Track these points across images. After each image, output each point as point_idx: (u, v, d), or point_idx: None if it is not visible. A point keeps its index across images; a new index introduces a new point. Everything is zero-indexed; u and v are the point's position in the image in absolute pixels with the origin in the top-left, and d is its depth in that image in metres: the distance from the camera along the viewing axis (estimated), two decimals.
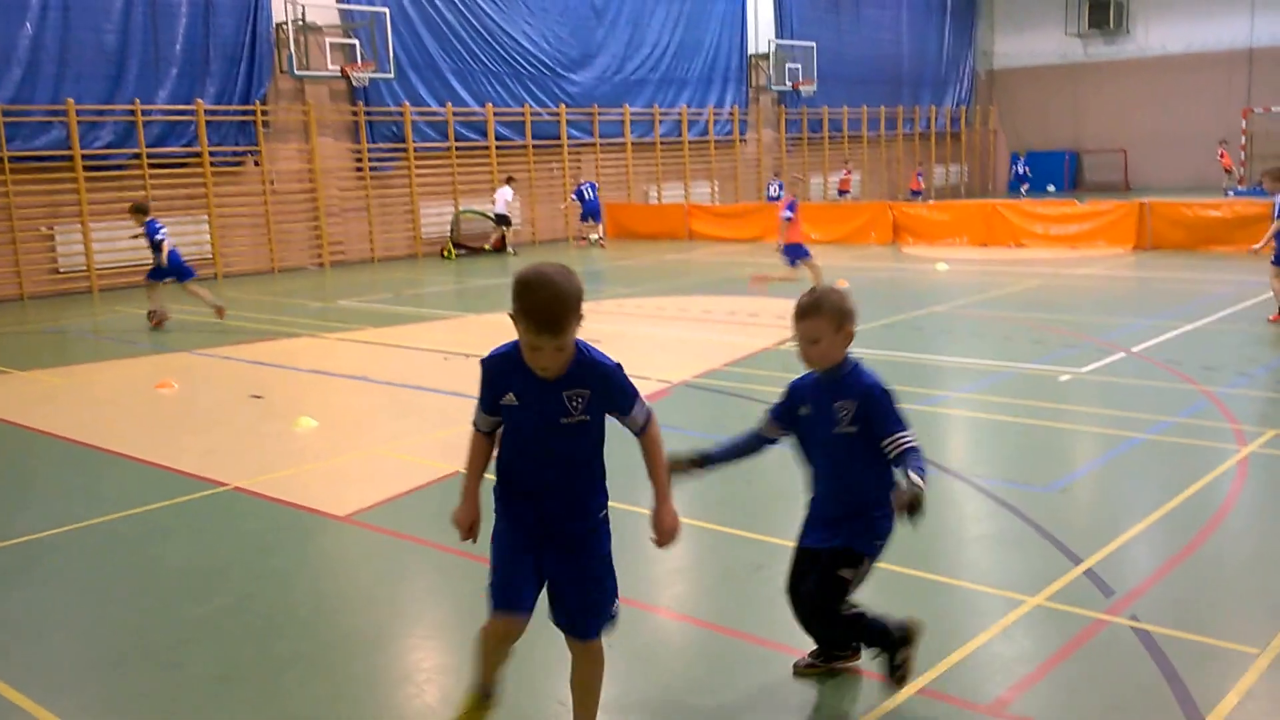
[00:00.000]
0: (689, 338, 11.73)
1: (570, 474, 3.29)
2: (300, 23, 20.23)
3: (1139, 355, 9.56)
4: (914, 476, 3.51)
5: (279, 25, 20.10)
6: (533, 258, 17.65)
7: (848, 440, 3.78)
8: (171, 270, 13.30)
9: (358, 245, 21.67)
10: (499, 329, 12.72)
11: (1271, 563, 5.10)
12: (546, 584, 3.34)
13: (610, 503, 3.50)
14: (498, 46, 23.53)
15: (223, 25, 19.31)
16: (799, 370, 4.01)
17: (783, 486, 6.51)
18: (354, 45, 20.85)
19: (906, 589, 4.97)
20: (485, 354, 3.28)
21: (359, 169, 21.65)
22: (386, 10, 21.10)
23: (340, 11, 20.87)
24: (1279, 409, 7.64)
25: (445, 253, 22.22)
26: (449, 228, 22.69)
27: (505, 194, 22.35)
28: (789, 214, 13.45)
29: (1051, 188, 35.44)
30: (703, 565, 5.47)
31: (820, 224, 22.18)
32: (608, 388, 3.22)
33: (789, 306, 4.23)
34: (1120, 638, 4.31)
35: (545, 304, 2.95)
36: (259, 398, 9.34)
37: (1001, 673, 4.11)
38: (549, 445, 3.23)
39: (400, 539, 5.82)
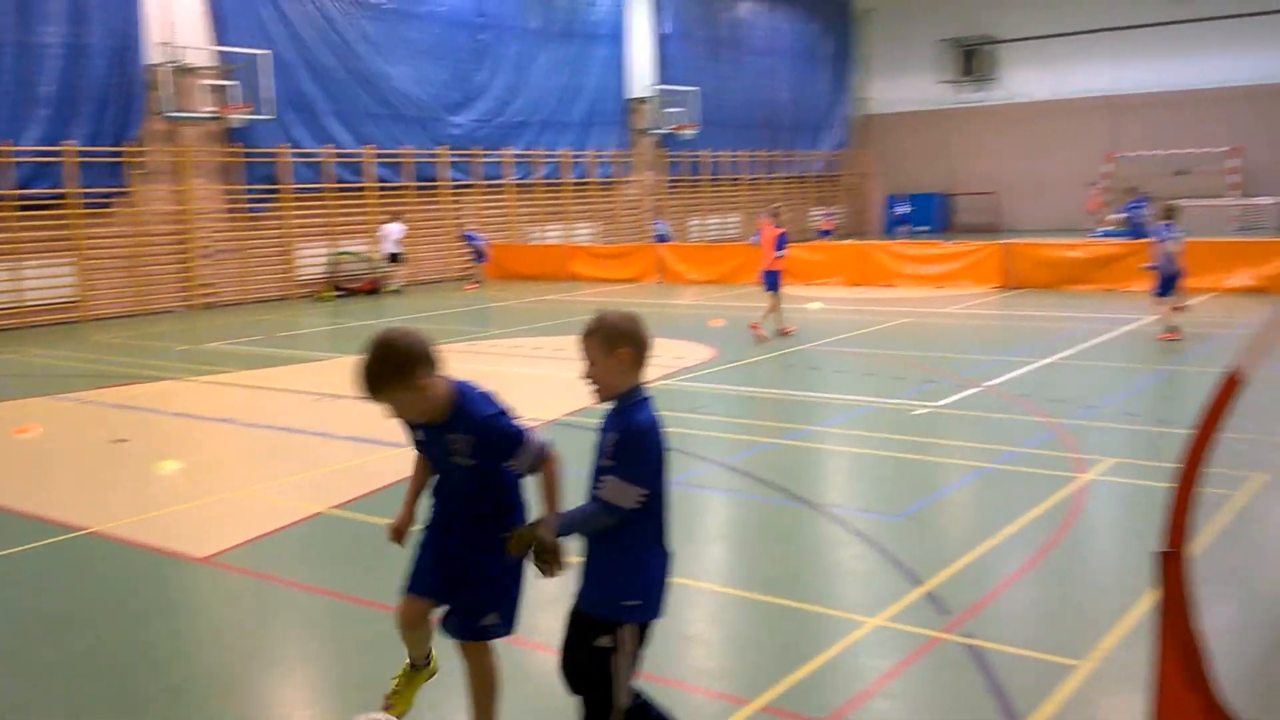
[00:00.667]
0: (562, 376, 11.81)
1: (470, 506, 3.59)
2: (176, 64, 19.83)
3: (993, 390, 10.02)
4: (550, 521, 3.31)
5: (153, 67, 19.67)
6: (417, 300, 17.65)
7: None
8: None
9: (230, 287, 21.19)
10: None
11: (1096, 581, 5.43)
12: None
13: None
14: (378, 88, 23.45)
15: (95, 67, 18.81)
16: (671, 406, 3.87)
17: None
18: (231, 87, 20.52)
19: (754, 614, 5.14)
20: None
21: (233, 210, 21.24)
22: (267, 53, 20.84)
23: (218, 54, 20.54)
24: (1118, 439, 8.10)
25: (321, 294, 21.88)
26: (326, 269, 22.38)
27: (395, 231, 22.31)
28: (781, 251, 14.09)
29: (909, 227, 36.77)
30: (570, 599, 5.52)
31: (698, 264, 22.65)
32: (485, 436, 3.42)
33: (659, 346, 4.40)
34: (953, 654, 4.53)
35: (361, 372, 3.31)
36: (122, 441, 9.12)
37: (839, 689, 4.27)
38: (451, 478, 3.59)
39: (262, 579, 5.77)
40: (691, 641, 4.65)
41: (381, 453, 8.42)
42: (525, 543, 3.32)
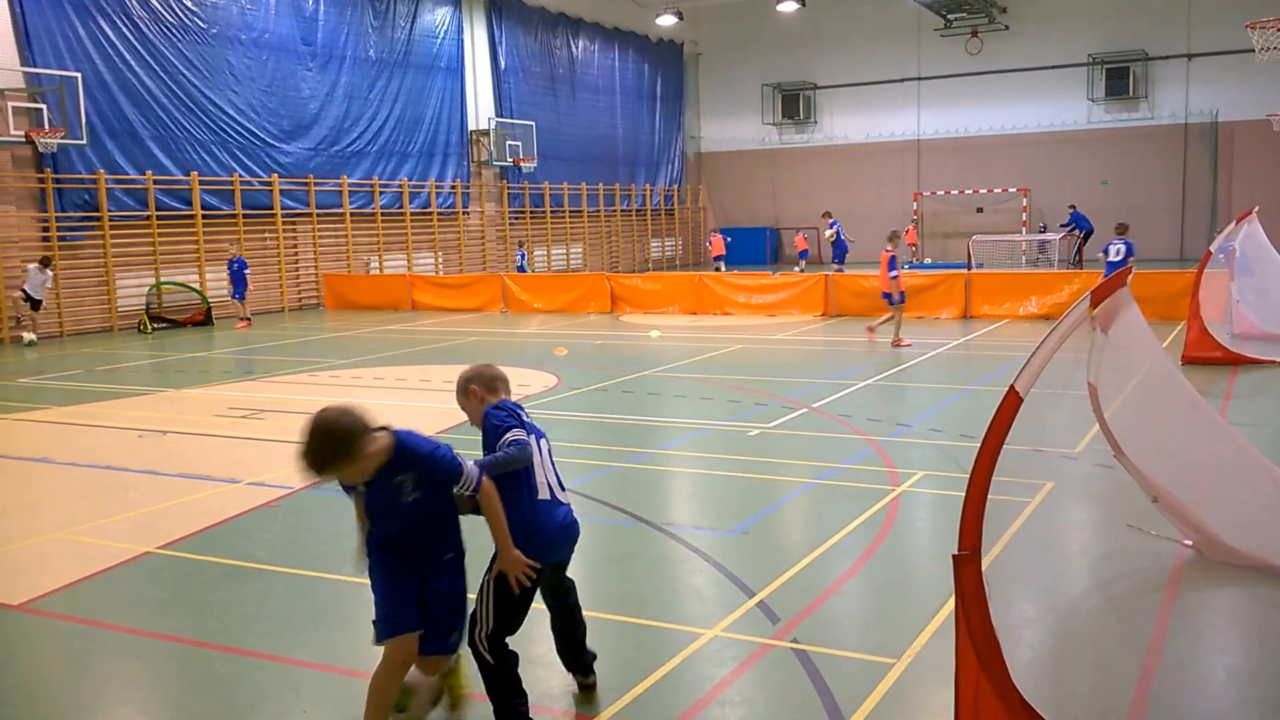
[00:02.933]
0: (405, 406, 11.75)
1: (421, 536, 4.03)
2: None
3: (818, 410, 10.56)
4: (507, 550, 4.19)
5: None
6: (251, 330, 17.09)
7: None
8: None
9: (45, 319, 20.00)
10: (198, 404, 12.37)
11: (910, 585, 5.85)
12: None
13: (310, 572, 3.63)
14: (202, 114, 22.69)
15: None
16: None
17: (478, 547, 6.72)
18: (41, 110, 19.46)
19: (597, 632, 5.28)
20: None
21: (46, 239, 20.11)
22: (78, 75, 19.88)
23: (25, 75, 19.47)
24: (928, 453, 8.69)
25: (142, 326, 20.95)
26: (147, 300, 21.43)
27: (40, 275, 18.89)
28: (894, 273, 14.95)
29: (722, 266, 38.04)
30: None
31: (542, 294, 22.83)
32: (428, 468, 3.87)
33: (508, 375, 4.67)
34: (783, 659, 4.82)
35: (306, 457, 3.58)
36: None
37: (679, 700, 4.49)
38: (399, 517, 3.95)
39: (81, 624, 5.53)
40: (535, 664, 4.78)
41: (210, 489, 8.21)
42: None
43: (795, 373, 13.68)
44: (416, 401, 12.09)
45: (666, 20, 36.10)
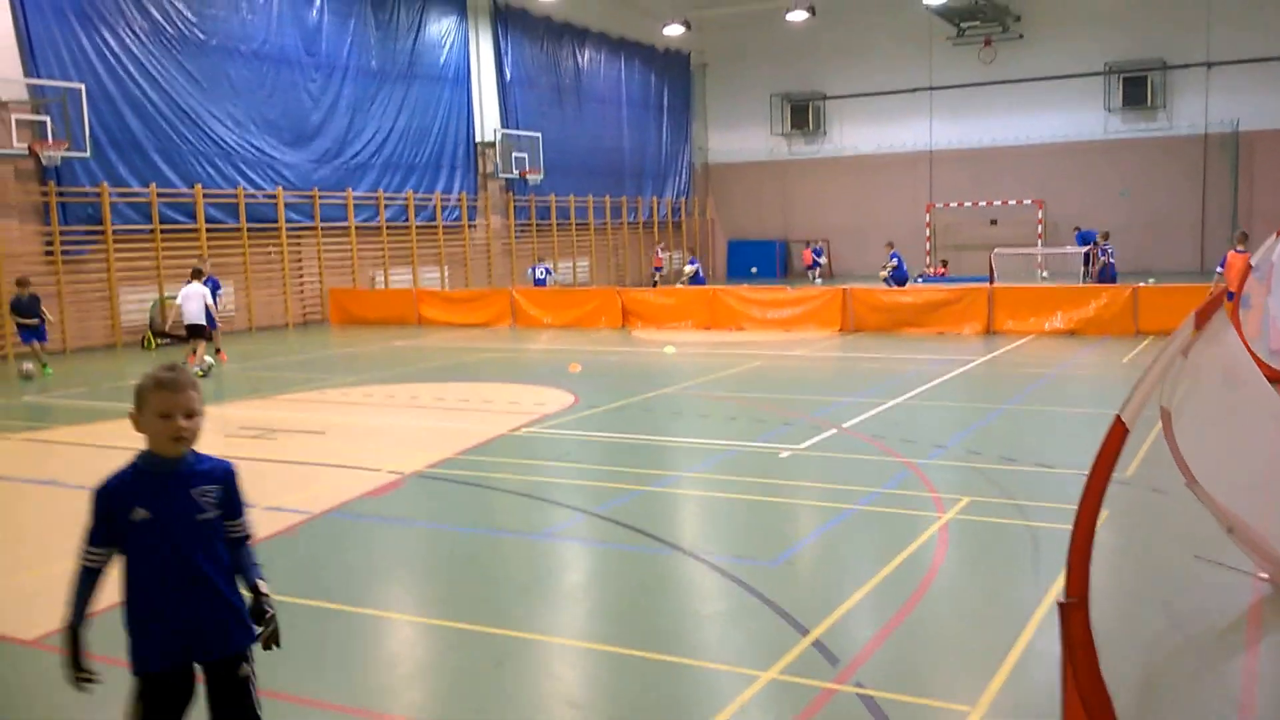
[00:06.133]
0: (421, 426, 11.44)
1: None
2: None
3: (848, 431, 10.25)
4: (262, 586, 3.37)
5: None
6: (256, 345, 16.84)
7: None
8: None
9: (49, 335, 19.68)
10: (207, 423, 11.84)
11: (975, 622, 5.52)
12: None
13: (331, 604, 3.36)
14: (205, 126, 22.43)
15: None
16: (535, 455, 3.89)
17: (518, 577, 6.43)
18: (44, 122, 19.18)
19: (638, 671, 4.98)
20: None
21: (49, 253, 19.82)
22: (82, 86, 19.63)
23: (28, 86, 19.21)
24: (971, 477, 8.38)
25: (146, 342, 20.64)
26: (151, 315, 21.13)
27: (195, 290, 16.68)
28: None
29: (755, 269, 38.03)
30: (440, 666, 5.24)
31: (552, 309, 22.53)
32: None
33: (518, 393, 4.23)
34: (848, 705, 4.50)
35: None
36: None
37: None
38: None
39: (101, 662, 5.19)
40: (578, 710, 4.46)
41: None
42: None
43: (819, 390, 13.37)
44: (431, 420, 11.78)
45: (673, 30, 35.89)
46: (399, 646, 5.44)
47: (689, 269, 28.15)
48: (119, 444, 10.71)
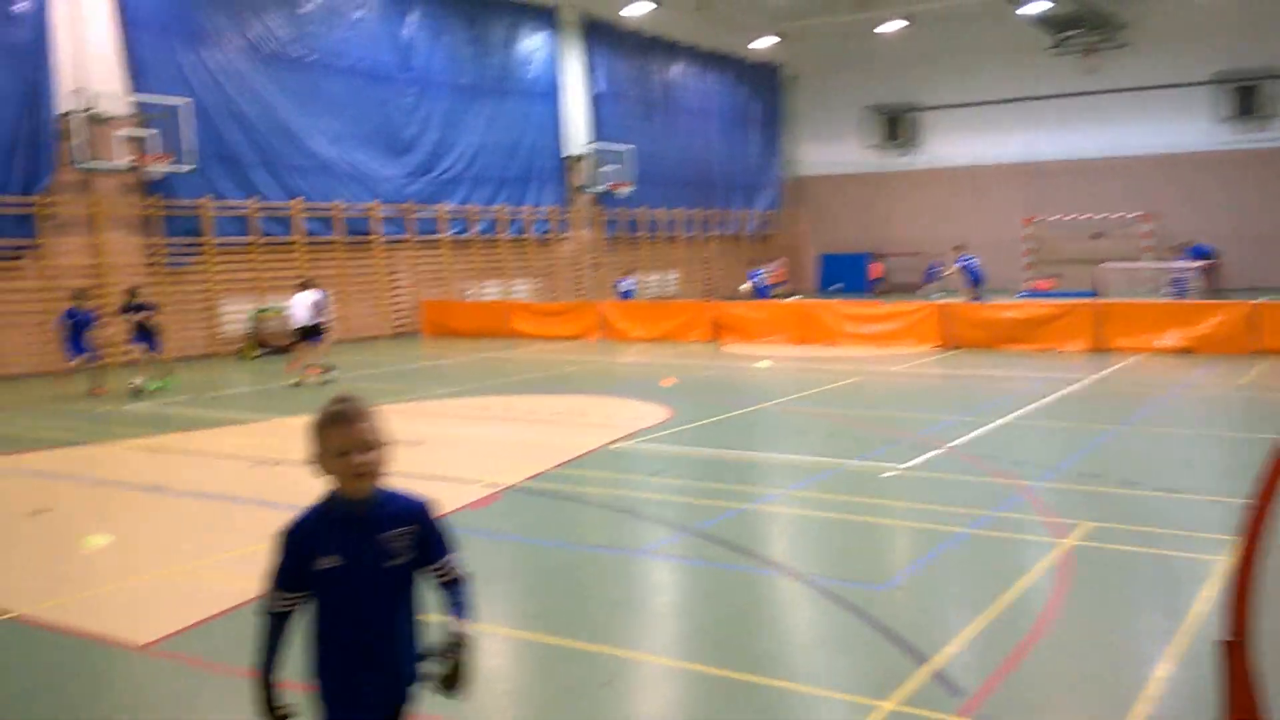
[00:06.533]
0: (517, 438, 11.41)
1: None
2: (90, 113, 19.12)
3: (954, 451, 9.89)
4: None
5: (64, 115, 18.93)
6: (350, 356, 17.08)
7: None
8: None
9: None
10: (303, 432, 11.95)
11: (1105, 654, 5.19)
12: None
13: (429, 617, 3.21)
14: (303, 141, 22.94)
15: (1, 116, 18.01)
16: (632, 470, 3.70)
17: (618, 594, 6.28)
18: (149, 137, 19.81)
19: (748, 698, 4.78)
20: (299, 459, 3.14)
21: (152, 264, 20.44)
22: (186, 101, 20.23)
23: (135, 103, 19.86)
24: (1087, 501, 7.97)
25: (244, 352, 21.12)
26: (250, 326, 21.63)
27: (308, 299, 17.15)
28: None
29: (841, 285, 37.30)
30: (541, 684, 5.11)
31: (640, 322, 22.45)
32: None
33: (612, 406, 4.08)
34: None
35: None
36: (43, 513, 8.47)
37: None
38: None
39: (205, 669, 5.24)
40: None
41: None
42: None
43: (920, 408, 12.96)
44: (526, 433, 11.74)
45: (764, 42, 35.62)
46: (498, 663, 5.33)
47: (746, 286, 27.11)
48: (220, 451, 10.90)
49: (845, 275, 37.89)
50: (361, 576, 2.90)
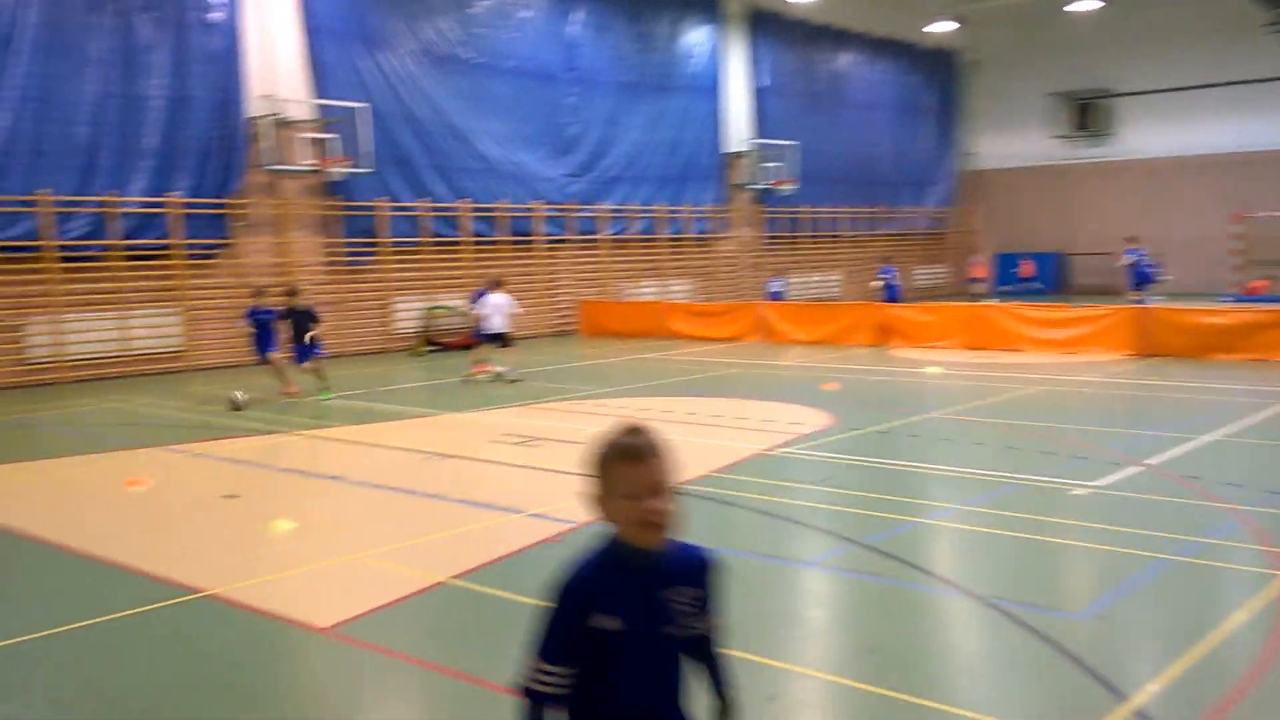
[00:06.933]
0: (676, 440, 11.23)
1: None
2: (277, 118, 20.10)
3: (1154, 469, 9.16)
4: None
5: (254, 120, 19.96)
6: (512, 357, 17.25)
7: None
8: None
9: (328, 340, 21.12)
10: (473, 428, 12.43)
11: None
12: None
13: None
14: (471, 142, 23.47)
15: (196, 119, 19.10)
16: (794, 477, 3.43)
17: (785, 606, 6.03)
18: (330, 140, 20.69)
19: None
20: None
21: (331, 263, 21.32)
22: (365, 105, 21.02)
23: (318, 107, 20.77)
24: None
25: (415, 349, 21.79)
26: (420, 323, 22.30)
27: (504, 303, 16.79)
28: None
29: (1010, 287, 35.21)
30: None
31: (802, 324, 21.99)
32: None
33: (772, 411, 3.84)
34: None
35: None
36: (233, 497, 8.92)
37: None
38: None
39: (384, 654, 5.42)
40: None
41: (493, 518, 8.06)
42: None
43: (1113, 422, 12.06)
44: (685, 435, 11.57)
45: (941, 27, 34.20)
46: None
47: (876, 284, 25.70)
48: (394, 444, 11.19)
49: (1026, 275, 35.87)
50: (643, 641, 2.47)
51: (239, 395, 13.85)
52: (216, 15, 19.32)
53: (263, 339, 14.77)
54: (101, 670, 5.28)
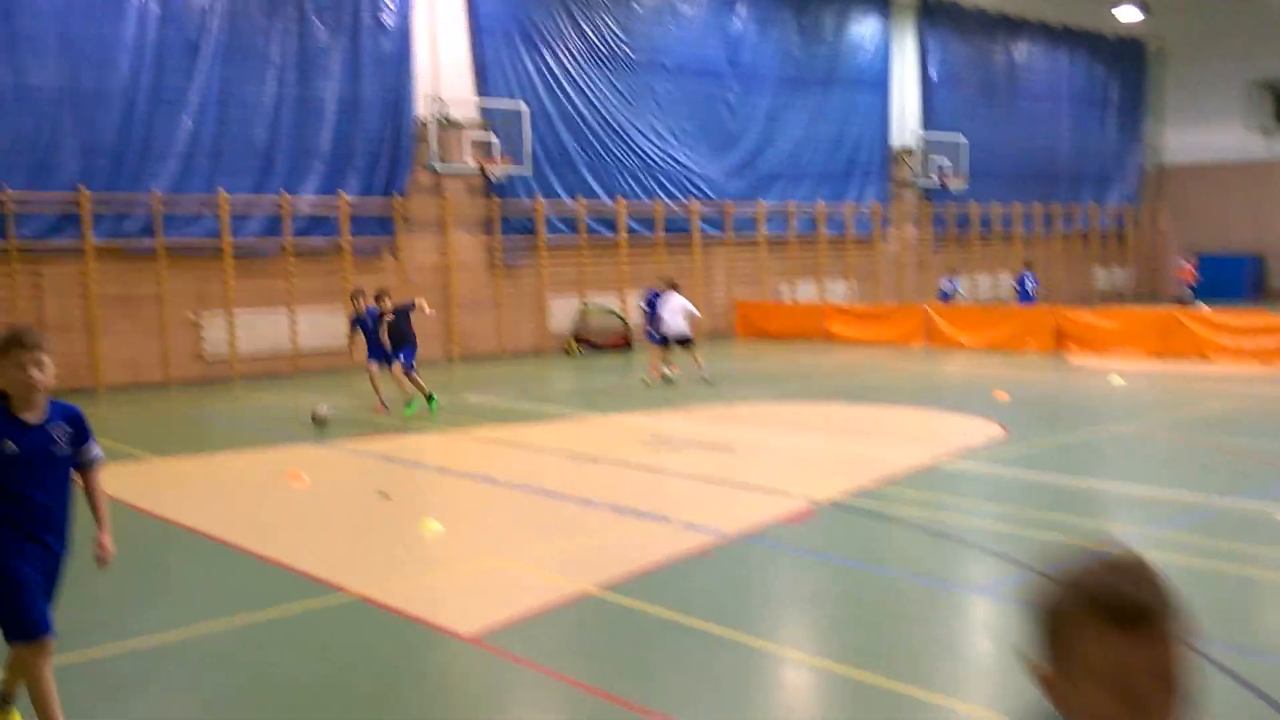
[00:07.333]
0: (833, 450, 10.77)
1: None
2: (442, 119, 20.51)
3: None
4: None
5: (421, 121, 20.42)
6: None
7: None
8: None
9: (486, 339, 21.50)
10: (622, 431, 12.22)
11: None
12: None
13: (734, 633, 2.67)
14: (629, 140, 23.40)
15: (368, 122, 19.67)
16: (962, 493, 2.91)
17: (944, 635, 5.53)
18: (492, 141, 20.98)
19: None
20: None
21: (491, 262, 21.63)
22: (525, 106, 21.23)
23: (480, 108, 21.09)
24: None
25: (569, 349, 21.86)
26: (574, 323, 22.38)
27: (682, 305, 16.30)
28: None
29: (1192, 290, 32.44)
30: None
31: (970, 328, 20.97)
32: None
33: (938, 420, 3.39)
34: None
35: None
36: (386, 496, 8.96)
37: None
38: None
39: (526, 667, 5.24)
40: None
41: (641, 526, 7.78)
42: None
43: None
44: (844, 444, 11.06)
45: (1127, 14, 32.11)
46: (804, 698, 4.86)
47: (952, 291, 24.07)
48: (544, 445, 11.11)
49: (1219, 280, 33.27)
50: None
51: (323, 409, 12.55)
52: (389, 18, 19.85)
53: (374, 344, 13.53)
54: (247, 672, 5.29)
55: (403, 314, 13.45)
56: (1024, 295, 23.54)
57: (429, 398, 13.35)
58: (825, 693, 4.98)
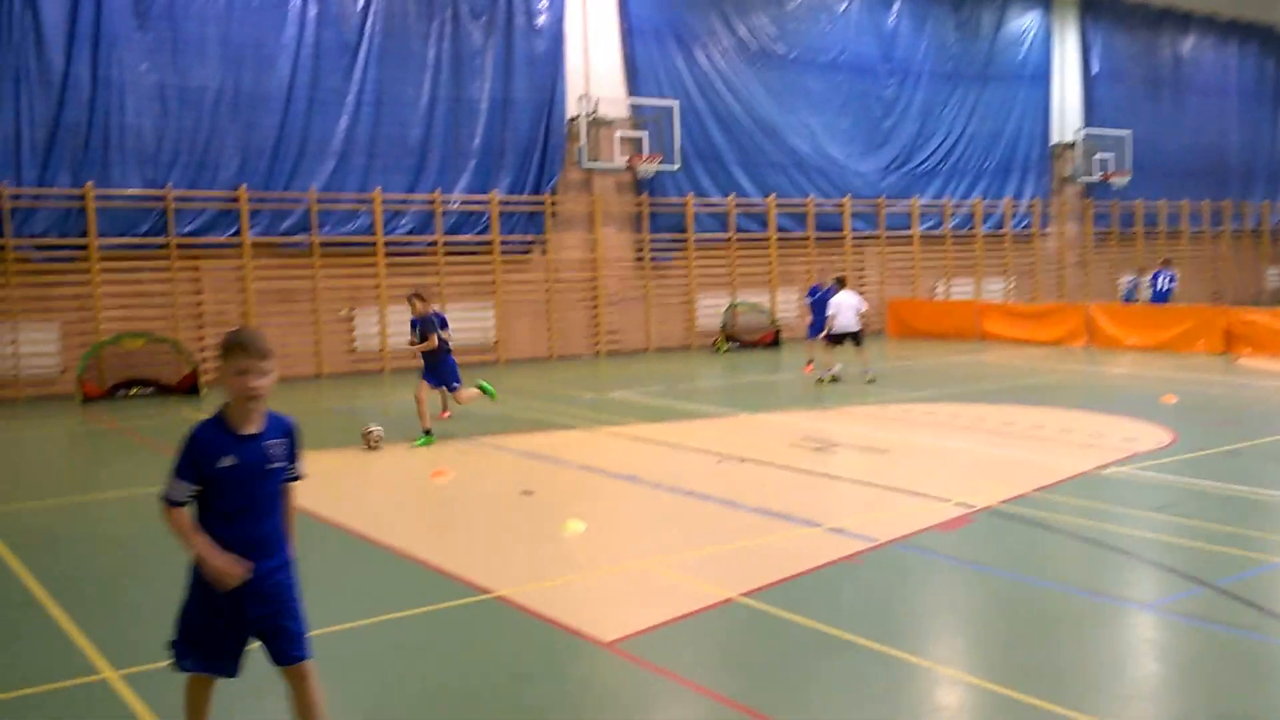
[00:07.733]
0: (991, 454, 10.41)
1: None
2: (592, 117, 20.77)
3: None
4: None
5: (572, 120, 20.72)
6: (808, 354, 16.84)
7: None
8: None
9: (633, 335, 21.68)
10: (770, 430, 12.11)
11: None
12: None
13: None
14: (781, 138, 23.23)
15: (519, 121, 20.10)
16: (1129, 502, 2.71)
17: (1108, 653, 5.24)
18: (642, 137, 21.15)
19: None
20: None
21: (639, 259, 21.78)
22: (676, 103, 21.31)
23: (631, 105, 21.27)
24: None
25: (717, 345, 21.82)
26: (722, 320, 22.33)
27: (853, 301, 15.95)
28: None
29: None
30: None
31: (1135, 328, 19.98)
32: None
33: (1101, 424, 3.17)
34: None
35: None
36: (529, 494, 9.01)
37: None
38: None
39: (667, 677, 5.09)
40: None
41: (789, 530, 7.62)
42: None
43: None
44: (1001, 448, 10.67)
45: None
46: (948, 714, 4.68)
47: (1144, 288, 22.48)
48: (689, 444, 11.10)
49: None
50: None
51: (376, 429, 11.33)
52: (542, 19, 20.23)
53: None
54: (388, 673, 5.27)
55: (430, 322, 11.87)
56: (1157, 295, 22.20)
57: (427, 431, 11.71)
58: (979, 713, 4.77)
